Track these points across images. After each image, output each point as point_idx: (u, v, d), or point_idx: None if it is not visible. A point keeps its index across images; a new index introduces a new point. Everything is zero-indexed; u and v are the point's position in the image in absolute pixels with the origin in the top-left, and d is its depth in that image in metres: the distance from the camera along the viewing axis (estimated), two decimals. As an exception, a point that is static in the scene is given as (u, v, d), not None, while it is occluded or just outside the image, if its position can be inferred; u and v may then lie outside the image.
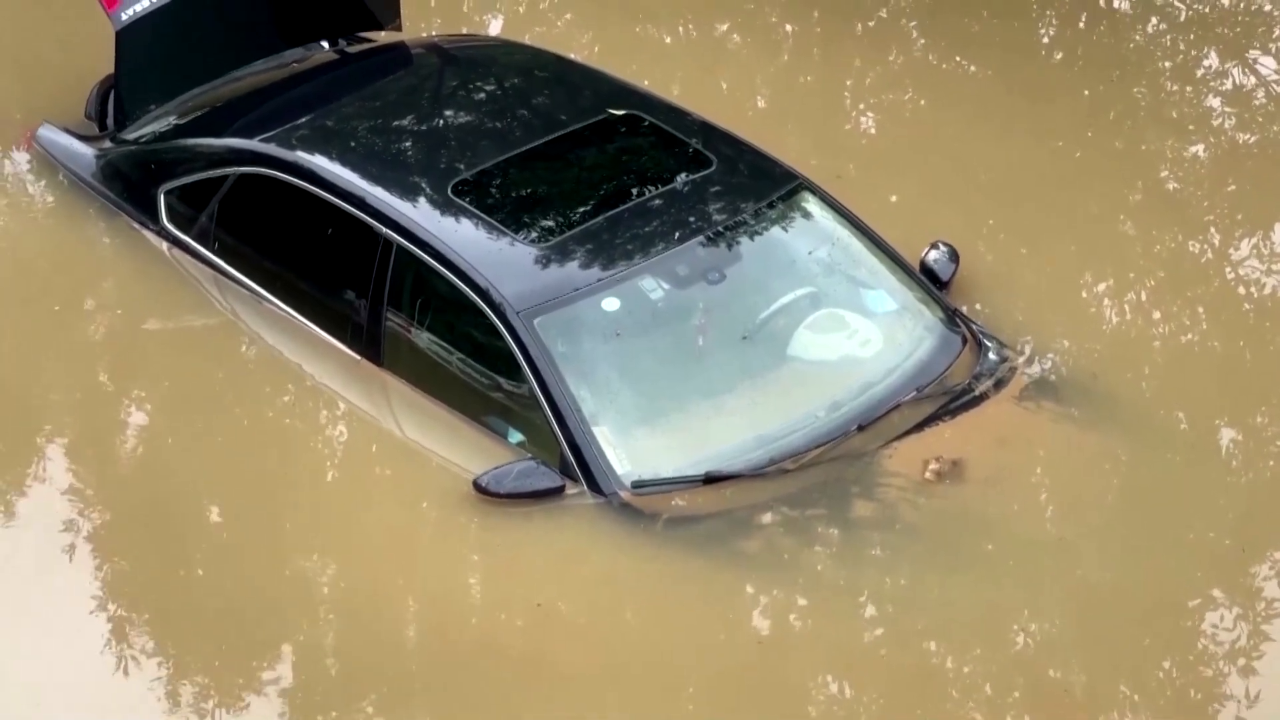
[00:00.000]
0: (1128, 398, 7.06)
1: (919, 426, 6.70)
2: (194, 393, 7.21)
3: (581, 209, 6.99)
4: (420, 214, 6.91)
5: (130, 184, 7.80)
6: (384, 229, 6.88)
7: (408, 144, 7.37)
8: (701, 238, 6.89)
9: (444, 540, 6.60)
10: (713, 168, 7.18)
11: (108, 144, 7.99)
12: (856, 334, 6.90)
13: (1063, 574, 6.35)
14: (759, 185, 7.19)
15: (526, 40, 8.75)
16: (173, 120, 7.94)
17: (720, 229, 6.94)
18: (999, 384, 6.92)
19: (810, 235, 7.15)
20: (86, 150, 8.00)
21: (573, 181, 7.21)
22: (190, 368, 7.30)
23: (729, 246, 6.93)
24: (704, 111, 7.66)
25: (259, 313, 7.32)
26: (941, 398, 6.81)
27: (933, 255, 7.37)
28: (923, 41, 9.57)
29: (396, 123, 7.51)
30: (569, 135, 7.32)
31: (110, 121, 8.06)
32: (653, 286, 6.76)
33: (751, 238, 7.01)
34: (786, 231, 7.11)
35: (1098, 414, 6.94)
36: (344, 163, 7.16)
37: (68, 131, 8.13)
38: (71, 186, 8.05)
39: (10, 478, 6.88)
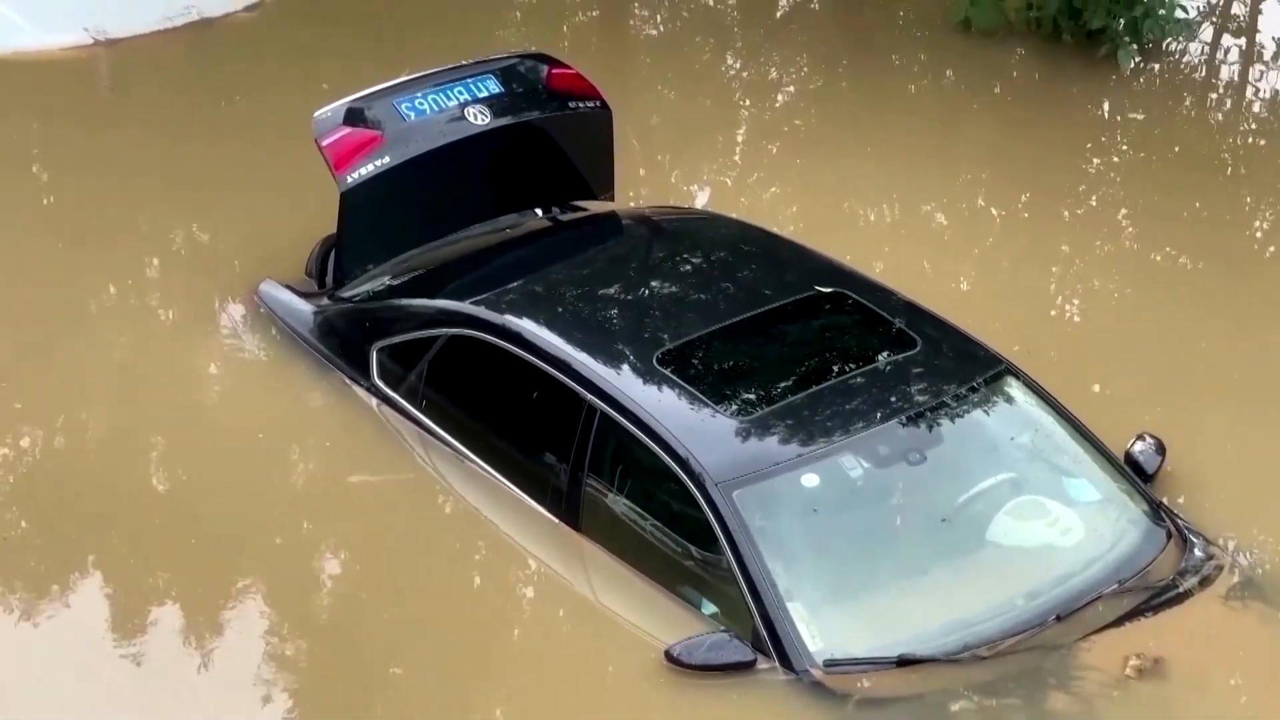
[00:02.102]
0: (1338, 601, 6.87)
1: (1120, 620, 6.57)
2: (392, 546, 7.31)
3: (784, 384, 7.02)
4: (624, 382, 6.99)
5: (344, 340, 8.01)
6: (588, 394, 6.96)
7: (614, 312, 7.49)
8: (903, 418, 6.88)
9: (630, 709, 6.58)
10: (916, 348, 7.18)
11: (325, 301, 8.23)
12: (1058, 522, 6.81)
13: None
14: (962, 368, 7.18)
15: (733, 213, 8.84)
16: (387, 280, 8.15)
17: (922, 410, 6.92)
18: (1204, 581, 6.77)
19: (1013, 420, 7.11)
20: (305, 306, 8.24)
21: (776, 356, 7.25)
22: (390, 522, 7.41)
23: (930, 428, 6.91)
24: (906, 291, 7.68)
25: (461, 471, 7.43)
26: (1144, 592, 6.67)
27: (1138, 446, 7.28)
28: (1132, 230, 9.53)
29: (604, 291, 7.63)
30: (774, 310, 7.38)
31: (329, 279, 8.31)
32: (852, 464, 6.75)
33: (953, 420, 6.98)
34: (989, 415, 7.07)
35: (1306, 616, 6.76)
36: (552, 328, 7.29)
37: (288, 287, 8.39)
38: (286, 340, 8.27)
39: (207, 620, 7.00)
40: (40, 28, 10.59)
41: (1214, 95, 11.15)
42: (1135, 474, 7.16)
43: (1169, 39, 11.39)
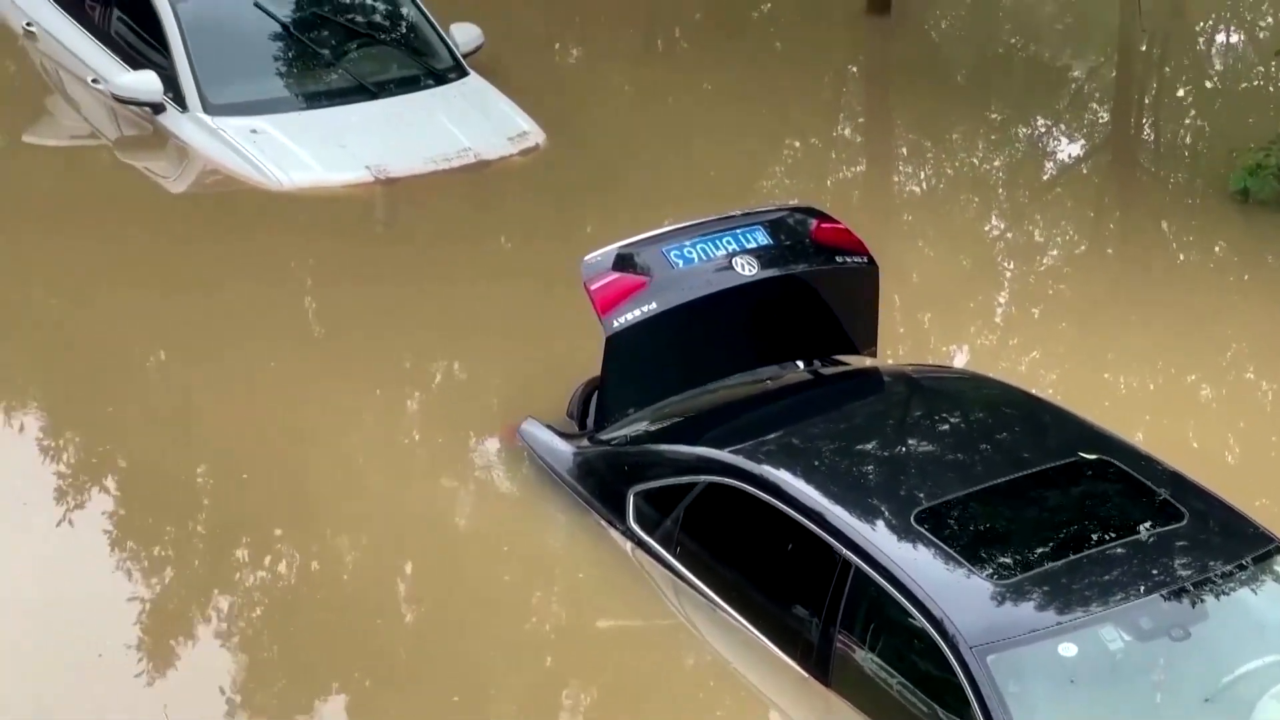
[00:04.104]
0: None
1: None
2: (638, 692, 7.32)
3: (1043, 550, 6.90)
4: (880, 538, 6.94)
5: (602, 482, 8.08)
6: (843, 549, 6.92)
7: (872, 468, 7.46)
8: (1167, 592, 6.71)
9: None
10: (1182, 521, 7.02)
11: (585, 443, 8.32)
12: (1328, 709, 6.56)
13: None
14: (1230, 543, 6.99)
15: (993, 375, 8.77)
16: (646, 425, 8.23)
17: (1187, 585, 6.75)
18: None
19: (1283, 601, 6.90)
20: (565, 447, 8.34)
21: (1036, 521, 7.14)
22: (637, 667, 7.43)
23: (1195, 603, 6.72)
24: (1171, 461, 7.50)
25: (712, 620, 7.42)
26: None
27: None
28: None
29: (863, 446, 7.62)
30: (1035, 474, 7.29)
31: (590, 421, 8.41)
32: (1113, 636, 6.59)
33: (1219, 597, 6.79)
34: (1258, 594, 6.87)
35: None
36: (809, 481, 7.28)
37: (549, 427, 8.50)
38: (540, 479, 8.37)
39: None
40: (326, 165, 10.96)
41: None
42: None
43: None
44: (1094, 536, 6.97)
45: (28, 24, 12.37)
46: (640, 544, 7.79)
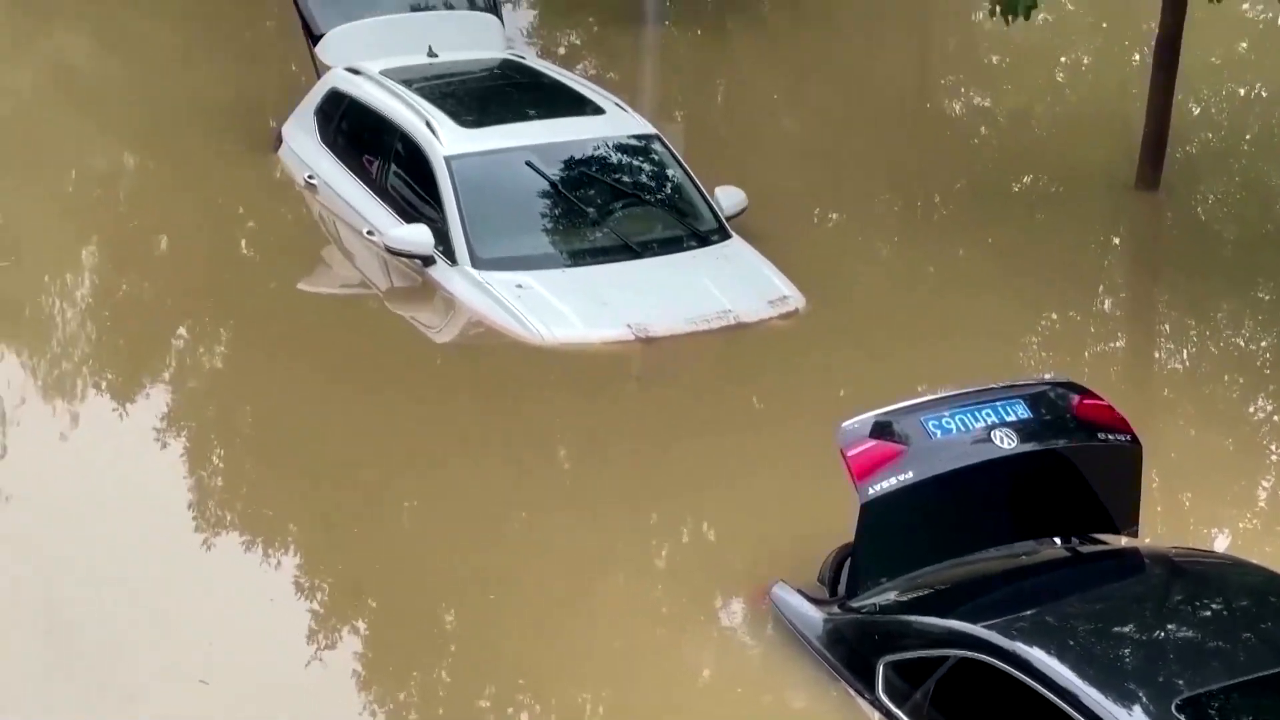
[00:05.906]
0: None
1: None
2: None
3: (1310, 746, 6.70)
4: (1138, 726, 6.78)
5: (851, 651, 8.01)
6: (1099, 735, 6.78)
7: (1129, 651, 7.30)
8: None
9: None
10: None
11: (835, 609, 8.26)
12: None
13: None
14: None
15: (1257, 560, 8.50)
16: (897, 594, 8.15)
17: None
18: None
19: None
20: (815, 613, 8.29)
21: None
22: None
23: None
24: None
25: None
26: None
27: None
28: None
29: (1120, 628, 7.46)
30: (1303, 669, 7.06)
31: (841, 588, 8.36)
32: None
33: None
34: None
35: None
36: (1064, 661, 7.13)
37: (799, 592, 8.46)
38: (783, 643, 8.32)
39: None
40: (588, 322, 11.13)
41: None
42: None
43: None
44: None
45: (309, 176, 12.87)
46: (889, 715, 7.69)
